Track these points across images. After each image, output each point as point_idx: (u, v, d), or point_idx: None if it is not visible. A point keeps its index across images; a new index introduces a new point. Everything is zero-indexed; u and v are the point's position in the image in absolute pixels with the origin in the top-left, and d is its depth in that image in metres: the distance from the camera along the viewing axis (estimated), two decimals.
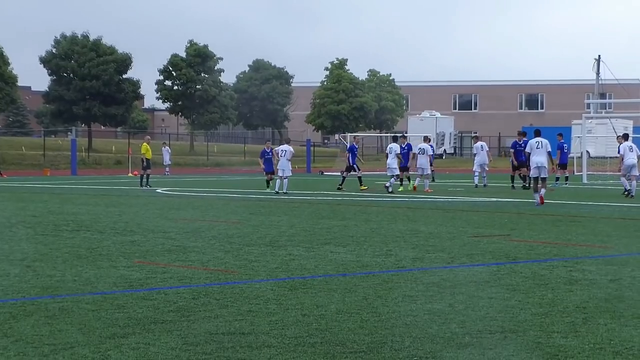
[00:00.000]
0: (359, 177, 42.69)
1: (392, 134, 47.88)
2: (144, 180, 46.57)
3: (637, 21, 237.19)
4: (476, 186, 43.74)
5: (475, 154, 47.00)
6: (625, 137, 37.91)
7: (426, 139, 45.42)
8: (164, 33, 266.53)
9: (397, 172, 41.14)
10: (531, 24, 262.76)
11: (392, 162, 41.19)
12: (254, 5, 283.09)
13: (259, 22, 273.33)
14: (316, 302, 11.19)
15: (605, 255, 16.28)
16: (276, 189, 38.40)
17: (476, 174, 44.97)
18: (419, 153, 42.91)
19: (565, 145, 47.37)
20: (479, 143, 47.08)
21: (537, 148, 31.49)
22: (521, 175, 43.16)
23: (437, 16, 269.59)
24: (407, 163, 42.85)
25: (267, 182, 41.44)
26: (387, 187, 39.72)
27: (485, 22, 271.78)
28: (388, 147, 44.02)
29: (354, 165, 43.10)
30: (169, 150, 70.76)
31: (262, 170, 42.95)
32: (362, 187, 41.50)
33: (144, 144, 48.71)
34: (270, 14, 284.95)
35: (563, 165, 46.24)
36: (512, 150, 44.87)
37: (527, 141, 37.25)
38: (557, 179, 45.13)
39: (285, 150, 39.24)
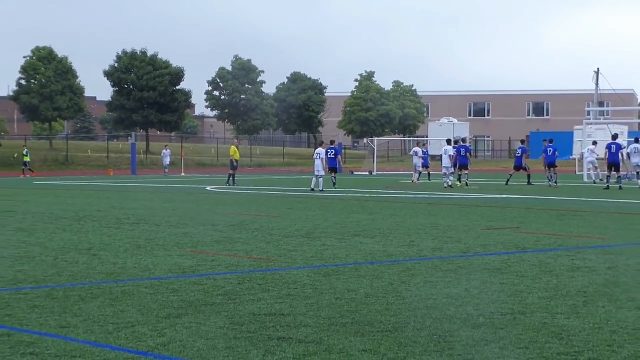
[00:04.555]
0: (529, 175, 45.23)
1: (447, 139, 47.96)
2: (231, 179, 45.91)
3: (632, 38, 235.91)
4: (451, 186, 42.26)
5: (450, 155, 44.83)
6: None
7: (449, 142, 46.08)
8: (213, 49, 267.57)
9: (452, 170, 43.19)
10: (538, 40, 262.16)
11: (447, 162, 42.79)
12: (292, 25, 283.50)
13: (296, 39, 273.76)
14: (347, 287, 11.19)
15: (603, 245, 16.20)
16: (312, 187, 38.33)
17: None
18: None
19: (550, 149, 44.91)
20: (448, 147, 45.00)
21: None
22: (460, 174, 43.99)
23: (455, 34, 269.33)
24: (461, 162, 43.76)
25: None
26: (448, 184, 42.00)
27: (497, 39, 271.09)
28: (442, 149, 45.02)
29: (525, 166, 44.99)
30: (170, 153, 70.53)
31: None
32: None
33: (232, 146, 48.78)
34: (306, 32, 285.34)
35: (552, 165, 44.19)
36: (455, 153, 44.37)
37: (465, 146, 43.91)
38: (550, 177, 43.30)
39: (319, 153, 39.19)
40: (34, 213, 24.53)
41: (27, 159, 67.31)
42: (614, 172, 40.52)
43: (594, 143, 51.35)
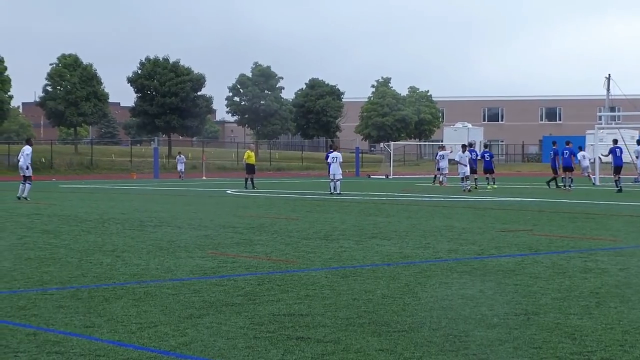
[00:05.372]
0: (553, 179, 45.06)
1: (462, 144, 47.69)
2: (249, 182, 45.41)
3: None
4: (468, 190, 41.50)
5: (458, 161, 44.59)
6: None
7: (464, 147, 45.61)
8: (233, 56, 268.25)
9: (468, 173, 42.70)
10: (550, 47, 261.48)
11: (461, 166, 42.81)
12: (311, 32, 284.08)
13: (314, 46, 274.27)
14: (364, 288, 11.18)
15: (615, 247, 16.14)
16: (330, 190, 38.30)
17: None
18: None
19: (566, 151, 42.74)
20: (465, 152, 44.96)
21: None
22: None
23: (469, 41, 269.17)
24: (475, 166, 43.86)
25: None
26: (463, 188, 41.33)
27: (511, 45, 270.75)
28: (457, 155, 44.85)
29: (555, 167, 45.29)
30: (184, 159, 69.87)
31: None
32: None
33: (248, 151, 48.74)
34: (325, 40, 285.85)
35: (568, 169, 43.38)
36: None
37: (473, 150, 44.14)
38: (564, 180, 42.65)
39: (336, 157, 39.12)
40: (60, 216, 24.62)
41: None
42: (621, 176, 40.34)
43: (581, 149, 51.78)
